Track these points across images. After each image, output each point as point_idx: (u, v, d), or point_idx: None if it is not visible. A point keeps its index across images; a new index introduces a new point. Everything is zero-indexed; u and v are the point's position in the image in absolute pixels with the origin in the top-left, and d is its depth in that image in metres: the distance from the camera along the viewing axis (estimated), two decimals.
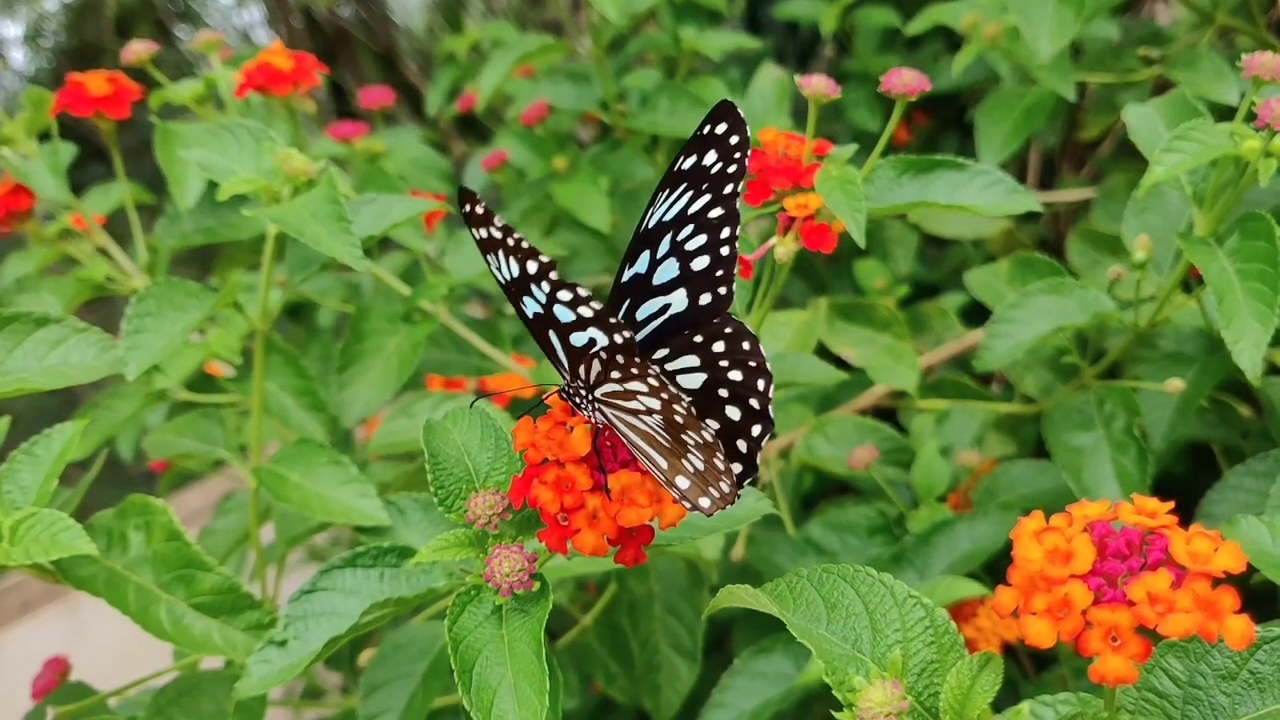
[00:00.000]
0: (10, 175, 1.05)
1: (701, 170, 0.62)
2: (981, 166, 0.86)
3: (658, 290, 0.63)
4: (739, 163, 0.61)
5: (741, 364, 0.60)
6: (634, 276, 0.63)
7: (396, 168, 1.48)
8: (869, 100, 1.64)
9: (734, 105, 0.62)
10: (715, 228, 0.62)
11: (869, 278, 1.50)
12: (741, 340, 0.61)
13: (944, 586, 0.91)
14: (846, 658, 0.53)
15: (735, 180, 0.61)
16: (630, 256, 0.63)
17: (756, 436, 0.60)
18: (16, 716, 0.93)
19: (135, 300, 0.81)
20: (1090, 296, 0.96)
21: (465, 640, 0.59)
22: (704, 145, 0.62)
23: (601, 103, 1.45)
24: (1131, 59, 1.32)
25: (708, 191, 0.62)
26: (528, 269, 0.55)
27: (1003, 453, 1.22)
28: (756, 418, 0.60)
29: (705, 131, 0.62)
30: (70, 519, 0.70)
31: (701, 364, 0.61)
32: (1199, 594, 0.44)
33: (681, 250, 0.62)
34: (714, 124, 0.62)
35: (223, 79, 1.12)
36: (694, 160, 0.62)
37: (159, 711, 0.80)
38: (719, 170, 0.61)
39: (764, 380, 0.60)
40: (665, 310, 0.63)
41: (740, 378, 0.60)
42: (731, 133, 0.61)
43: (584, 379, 0.58)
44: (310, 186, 0.82)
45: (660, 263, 0.62)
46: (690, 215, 0.62)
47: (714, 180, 0.61)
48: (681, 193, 0.62)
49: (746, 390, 0.60)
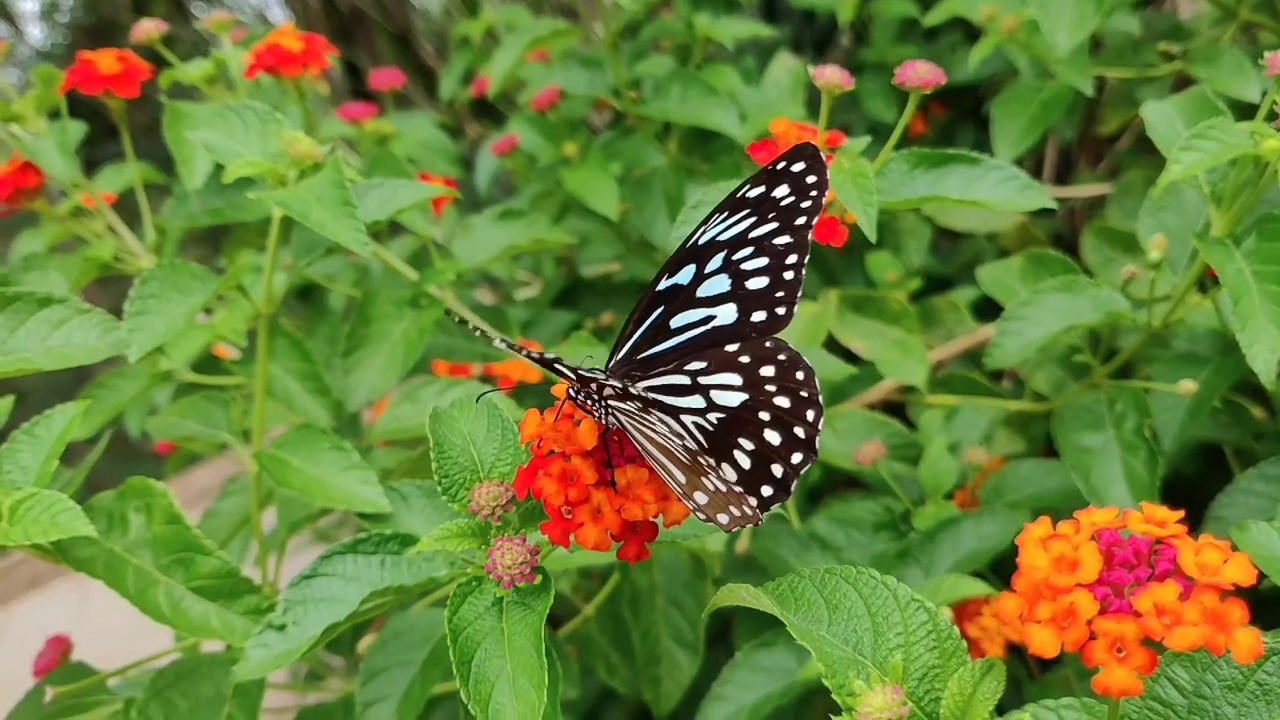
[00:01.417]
0: (19, 153, 1.05)
1: (769, 200, 0.62)
2: (996, 161, 0.85)
3: (702, 302, 0.63)
4: (814, 200, 0.62)
5: (792, 392, 0.60)
6: (672, 286, 0.63)
7: (406, 150, 1.47)
8: (885, 90, 1.63)
9: (816, 148, 0.62)
10: (780, 254, 0.62)
11: (881, 270, 1.49)
12: (796, 370, 0.61)
13: (949, 585, 0.90)
14: (847, 660, 0.53)
15: (810, 214, 0.62)
16: (671, 268, 0.63)
17: (796, 465, 0.60)
18: (24, 692, 0.93)
19: (139, 282, 0.80)
20: (1103, 295, 0.95)
21: (465, 631, 0.59)
22: (775, 179, 0.62)
23: (614, 89, 1.44)
24: (1151, 54, 1.31)
25: (774, 220, 0.62)
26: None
27: (1012, 449, 1.21)
28: (799, 446, 0.60)
29: (780, 167, 0.62)
30: (70, 500, 0.69)
31: (744, 384, 0.61)
32: (1207, 606, 0.43)
33: (736, 269, 0.63)
34: (790, 162, 0.62)
35: (233, 59, 1.11)
36: (761, 190, 0.62)
37: (157, 694, 0.79)
38: (791, 203, 0.62)
39: (814, 412, 0.60)
40: (708, 321, 0.63)
41: (788, 405, 0.60)
42: (809, 173, 0.62)
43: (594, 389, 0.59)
44: (316, 170, 0.81)
45: (708, 277, 0.63)
46: (751, 239, 0.62)
47: (784, 211, 0.62)
48: (743, 218, 0.63)
49: (793, 418, 0.60)
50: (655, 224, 1.39)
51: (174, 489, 2.03)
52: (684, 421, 0.61)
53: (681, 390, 0.62)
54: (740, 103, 1.43)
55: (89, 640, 0.98)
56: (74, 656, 0.96)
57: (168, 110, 1.05)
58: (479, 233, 1.18)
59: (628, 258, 1.60)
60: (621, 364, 0.64)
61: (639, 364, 0.64)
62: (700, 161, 1.50)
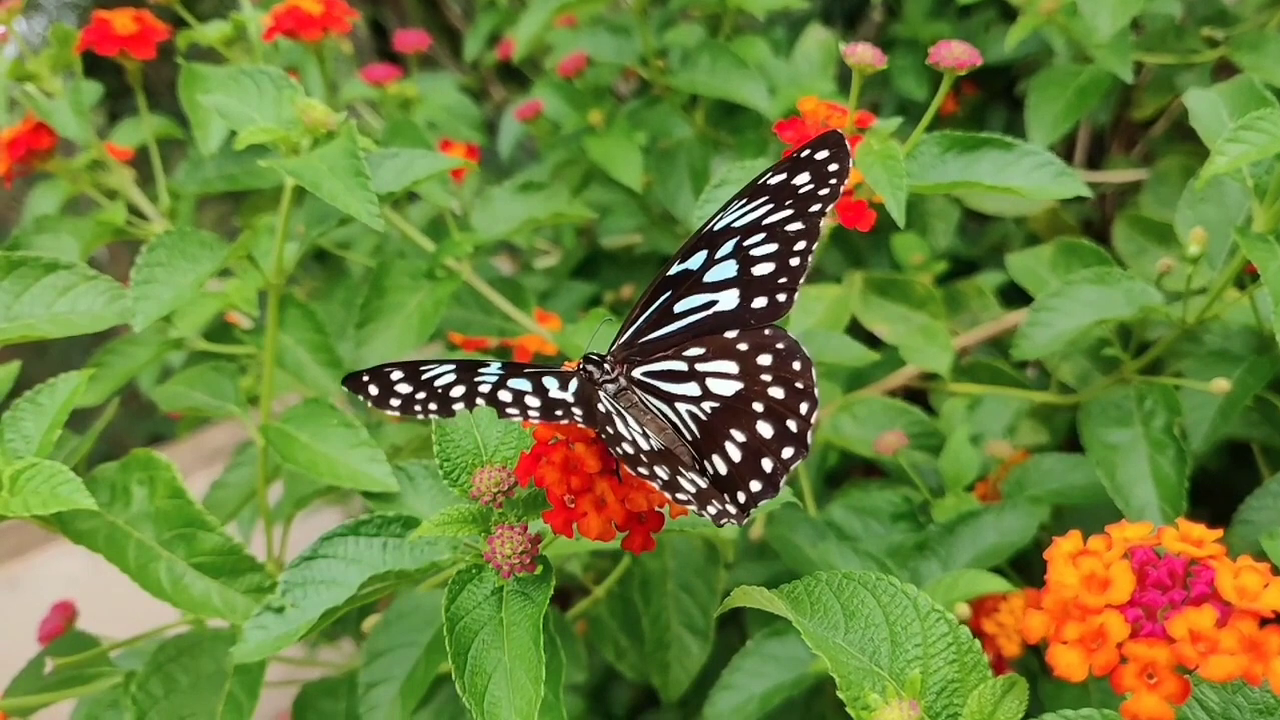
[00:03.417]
0: (32, 113, 1.03)
1: (789, 188, 0.60)
2: (1029, 146, 0.83)
3: (706, 287, 0.61)
4: (833, 187, 0.60)
5: (787, 383, 0.58)
6: (683, 271, 0.62)
7: (428, 114, 1.45)
8: (916, 67, 1.59)
9: (842, 136, 0.60)
10: (790, 240, 0.60)
11: (907, 252, 1.46)
12: (792, 360, 0.59)
13: (966, 580, 0.88)
14: (863, 671, 0.51)
15: (825, 202, 0.60)
16: (684, 253, 0.62)
17: (786, 460, 0.58)
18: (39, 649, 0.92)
19: (146, 249, 0.78)
20: (1137, 289, 0.92)
21: (463, 621, 0.57)
22: (798, 166, 0.60)
23: (641, 57, 1.41)
24: (1194, 39, 1.27)
25: (790, 207, 0.60)
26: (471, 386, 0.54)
27: (1035, 440, 1.18)
28: (790, 440, 0.58)
29: (804, 155, 0.60)
30: (70, 472, 0.68)
31: (740, 372, 0.59)
32: (1244, 634, 0.41)
33: (746, 254, 0.61)
34: (815, 150, 0.60)
35: (251, 21, 1.09)
36: (783, 178, 0.60)
37: (158, 668, 0.78)
38: (809, 191, 0.60)
39: (808, 404, 0.58)
40: (710, 306, 0.61)
41: (782, 396, 0.58)
42: (832, 160, 0.60)
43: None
44: (330, 139, 0.79)
45: (717, 263, 0.61)
46: (765, 225, 0.61)
47: (800, 198, 0.60)
48: (761, 204, 0.61)
49: (787, 410, 0.58)
50: (679, 197, 1.37)
51: (187, 448, 2.02)
52: (679, 409, 0.60)
53: (678, 376, 0.61)
54: (769, 75, 1.41)
55: (105, 593, 0.95)
56: (91, 609, 0.95)
57: (184, 72, 1.03)
58: (498, 205, 1.15)
59: (650, 230, 1.58)
60: (624, 348, 0.63)
61: (640, 348, 0.62)
62: (727, 135, 1.48)
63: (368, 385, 0.54)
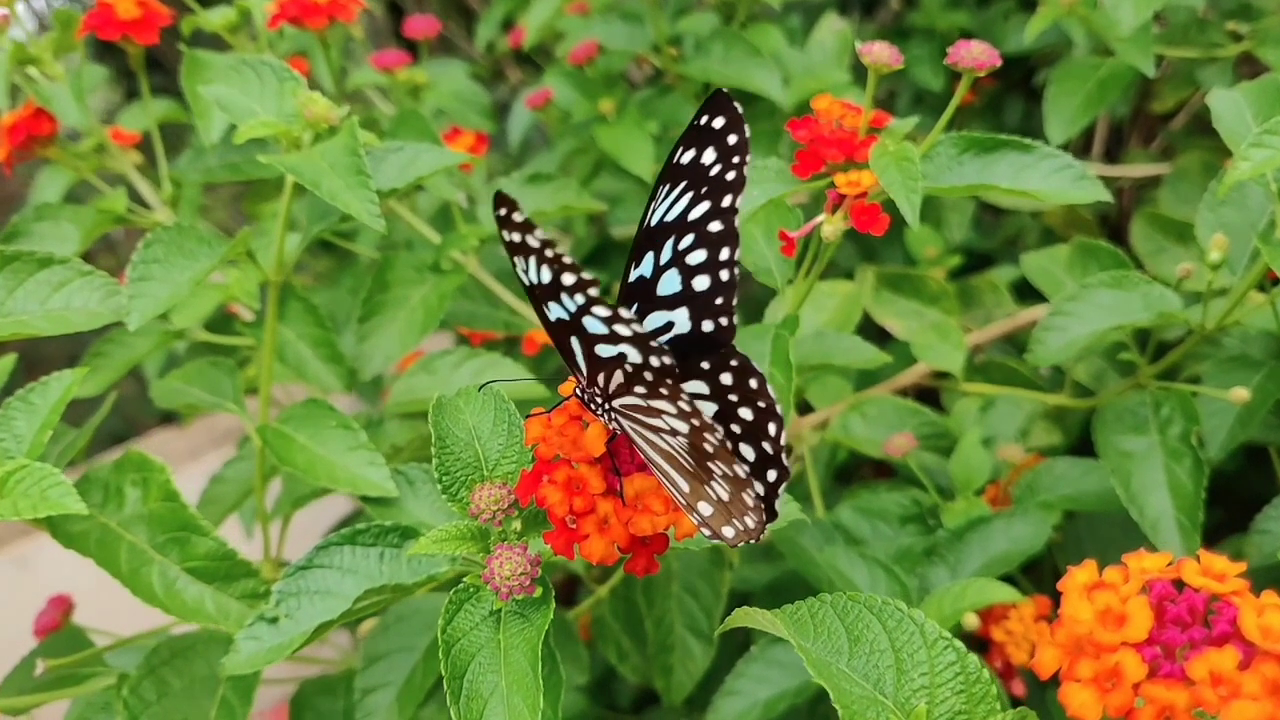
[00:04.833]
0: (33, 98, 1.01)
1: (701, 169, 0.56)
2: (1049, 149, 0.80)
3: (662, 303, 0.57)
4: (737, 169, 0.55)
5: (750, 403, 0.55)
6: (639, 279, 0.57)
7: (438, 100, 1.43)
8: (933, 57, 1.57)
9: (730, 97, 0.55)
10: (714, 245, 0.56)
11: (921, 245, 1.44)
12: (748, 377, 0.55)
13: (975, 589, 0.86)
14: (866, 699, 0.49)
15: (734, 191, 0.55)
16: (635, 255, 0.57)
17: (772, 483, 0.55)
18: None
19: (143, 245, 0.77)
20: (1155, 293, 0.90)
21: (459, 643, 0.56)
22: (701, 139, 0.55)
23: (654, 45, 1.39)
24: (1217, 33, 1.24)
25: (706, 198, 0.56)
26: (562, 280, 0.48)
27: (1048, 440, 1.16)
28: (770, 463, 0.55)
29: (701, 123, 0.55)
30: (61, 475, 0.66)
31: (711, 394, 0.56)
32: (1268, 677, 0.40)
33: (683, 262, 0.56)
34: (710, 116, 0.55)
35: (256, 6, 1.07)
36: (693, 155, 0.56)
37: (150, 671, 0.77)
38: (717, 174, 0.55)
39: (774, 424, 0.54)
40: (669, 328, 0.57)
41: (750, 417, 0.55)
42: (729, 130, 0.55)
43: (602, 387, 0.53)
44: (332, 134, 0.77)
45: (663, 270, 0.57)
46: (690, 222, 0.56)
47: (712, 185, 0.55)
48: (682, 191, 0.56)
49: (758, 431, 0.55)
50: None
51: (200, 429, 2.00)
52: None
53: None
54: (784, 65, 1.38)
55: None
56: (99, 590, 0.93)
57: (186, 59, 1.01)
58: None
59: None
60: None
61: None
62: None
63: (514, 209, 0.48)
